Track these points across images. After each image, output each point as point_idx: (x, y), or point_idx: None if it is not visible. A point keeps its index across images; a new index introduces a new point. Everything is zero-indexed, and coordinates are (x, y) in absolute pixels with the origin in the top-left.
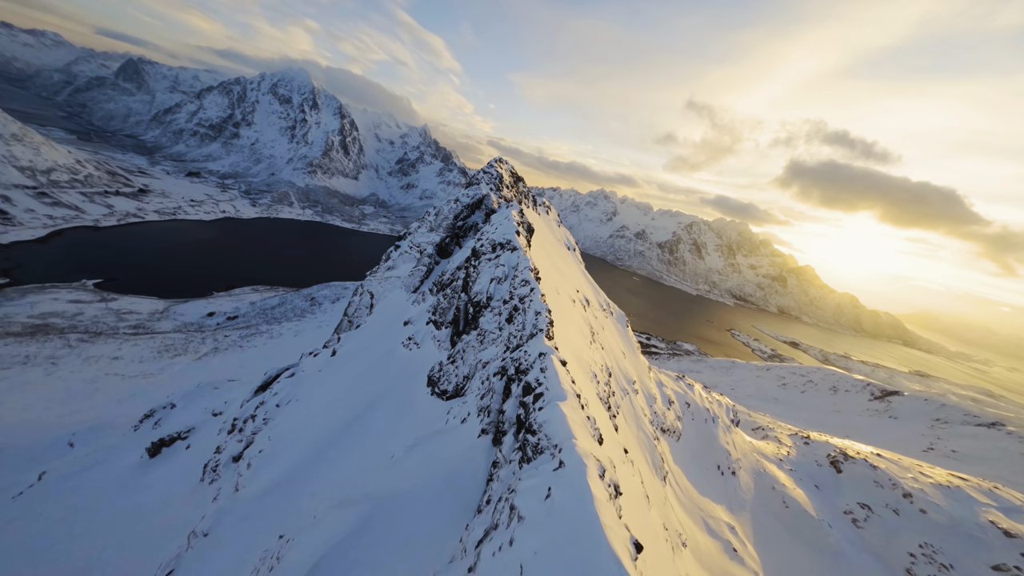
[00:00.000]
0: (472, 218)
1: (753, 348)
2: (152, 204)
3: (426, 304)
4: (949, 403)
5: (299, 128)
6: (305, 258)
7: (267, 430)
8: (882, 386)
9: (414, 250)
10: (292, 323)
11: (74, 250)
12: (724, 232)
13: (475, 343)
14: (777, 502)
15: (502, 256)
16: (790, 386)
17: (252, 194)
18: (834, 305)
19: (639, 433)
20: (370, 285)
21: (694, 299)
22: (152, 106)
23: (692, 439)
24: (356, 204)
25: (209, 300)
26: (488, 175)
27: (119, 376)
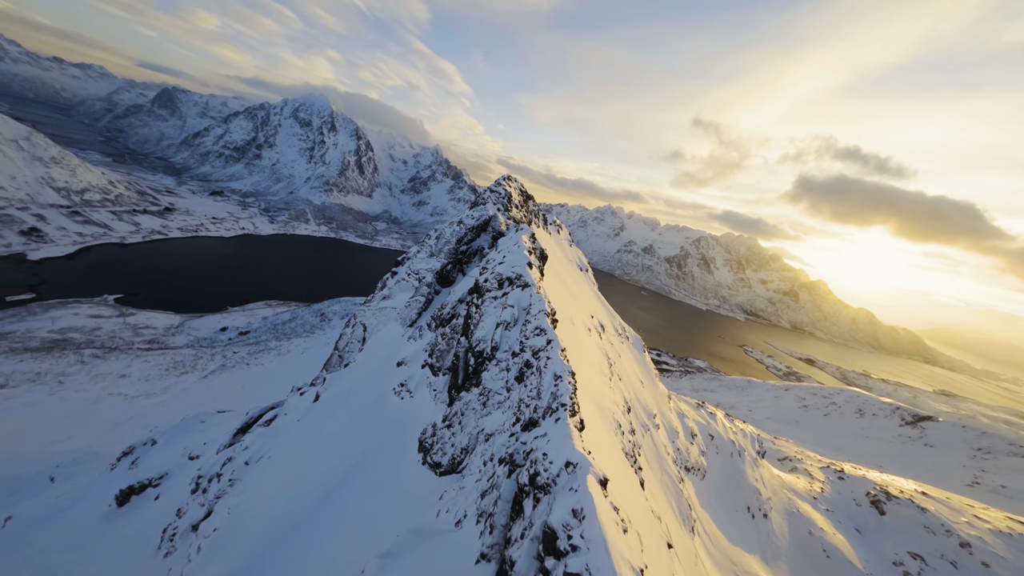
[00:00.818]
0: (477, 242)
1: (767, 365)
2: (176, 222)
3: (423, 342)
4: (991, 431)
5: (317, 149)
6: (318, 273)
7: (230, 496)
8: (913, 410)
9: (412, 278)
10: (301, 339)
11: (99, 266)
12: (733, 247)
13: (476, 405)
14: (816, 550)
15: (511, 295)
16: (812, 408)
17: (271, 211)
18: (849, 321)
19: (663, 476)
20: (363, 316)
21: (704, 314)
22: (183, 130)
23: (718, 476)
24: (369, 221)
25: (223, 315)
26: (495, 194)
27: (122, 396)
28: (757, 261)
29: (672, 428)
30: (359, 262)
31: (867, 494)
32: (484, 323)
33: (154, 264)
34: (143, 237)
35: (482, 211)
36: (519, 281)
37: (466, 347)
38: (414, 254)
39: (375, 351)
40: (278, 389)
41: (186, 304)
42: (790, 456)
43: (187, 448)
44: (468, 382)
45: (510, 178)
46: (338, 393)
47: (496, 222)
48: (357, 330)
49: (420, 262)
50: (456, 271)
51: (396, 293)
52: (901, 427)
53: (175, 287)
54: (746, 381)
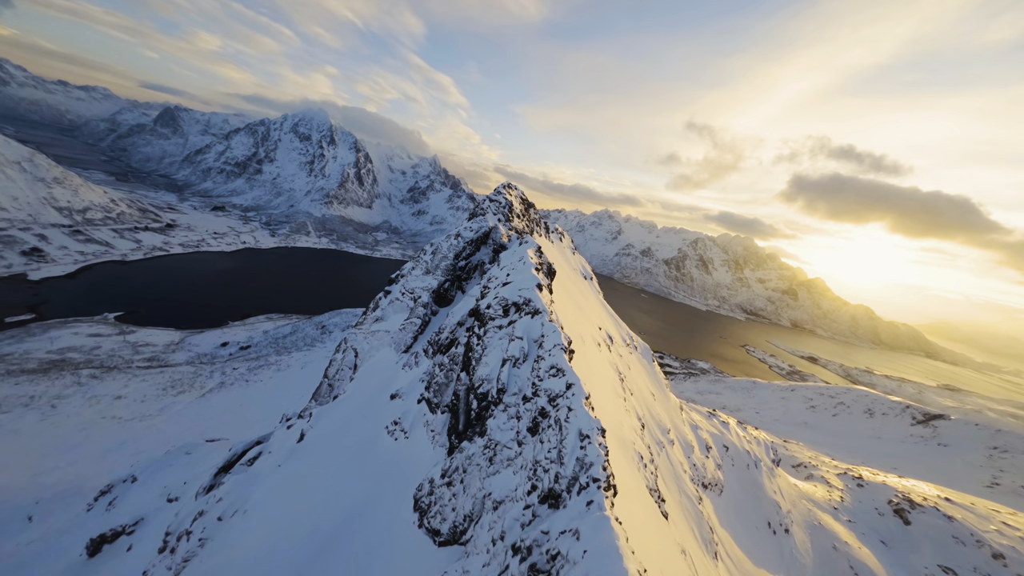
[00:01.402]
0: (477, 256)
1: (770, 365)
2: (178, 237)
3: (419, 370)
4: (1006, 428)
5: (317, 162)
6: (320, 285)
7: (198, 561)
8: (924, 409)
9: (406, 297)
10: (302, 353)
11: (100, 284)
12: (730, 247)
13: (481, 460)
14: (843, 567)
15: (519, 323)
16: (820, 409)
17: (272, 225)
18: (849, 317)
19: (681, 498)
20: (355, 340)
21: (704, 315)
22: (185, 148)
23: (736, 491)
24: (369, 231)
25: (224, 330)
26: (495, 203)
27: (116, 420)
28: (755, 261)
29: (687, 442)
30: (360, 272)
31: (889, 502)
32: (488, 358)
33: (156, 281)
34: (145, 254)
35: (481, 222)
36: (528, 307)
37: (467, 385)
38: (408, 271)
39: (367, 380)
40: (274, 409)
41: (187, 320)
42: (804, 462)
43: (167, 487)
44: (471, 429)
45: (510, 186)
46: (325, 431)
47: (497, 234)
48: (348, 356)
49: (415, 280)
50: (454, 289)
51: (390, 314)
52: (913, 426)
53: (176, 303)
54: (751, 382)
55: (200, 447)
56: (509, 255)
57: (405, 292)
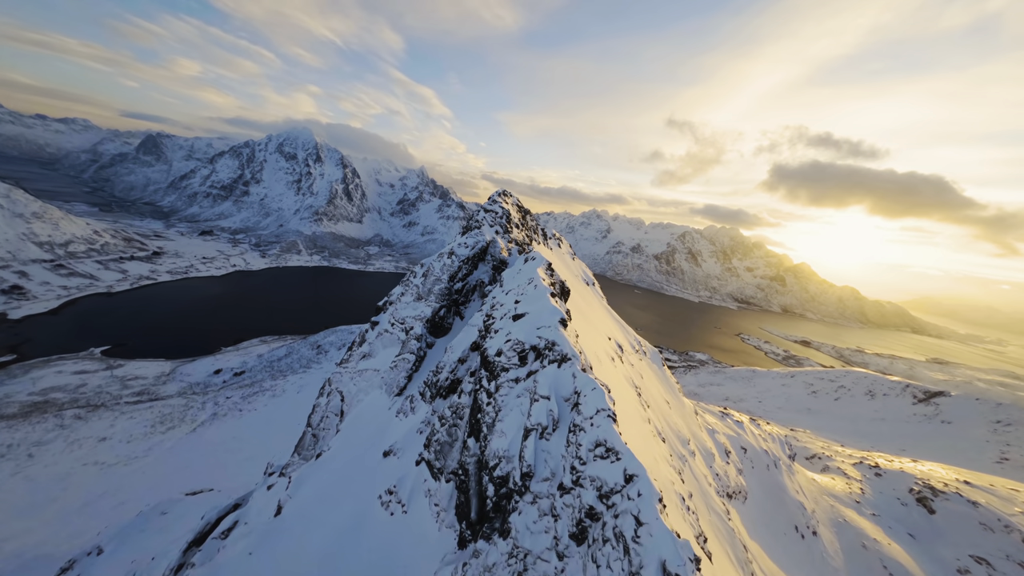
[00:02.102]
0: (475, 275)
1: (766, 351)
2: (165, 265)
3: (416, 418)
4: (1007, 402)
5: (304, 181)
6: (313, 303)
7: None
8: (924, 387)
9: (397, 328)
10: (297, 376)
11: (85, 318)
12: (717, 238)
13: (503, 569)
14: (875, 567)
15: (541, 375)
16: (821, 394)
17: (262, 246)
18: (836, 299)
19: (711, 516)
20: (340, 381)
21: (697, 306)
22: (169, 174)
23: (760, 496)
24: (361, 246)
25: (217, 356)
26: (491, 214)
27: (98, 466)
28: (742, 250)
29: (707, 450)
30: (354, 288)
31: (911, 491)
32: (503, 425)
33: (144, 310)
34: (131, 284)
35: (477, 236)
36: (552, 352)
37: (477, 457)
38: (397, 297)
39: (355, 431)
40: (268, 443)
41: (178, 349)
42: (817, 453)
43: (135, 563)
44: (486, 520)
45: (506, 193)
46: (307, 501)
47: (495, 248)
48: (333, 400)
49: (406, 307)
50: (451, 315)
51: (378, 349)
52: (914, 405)
53: (166, 332)
54: (751, 371)
55: (178, 505)
56: (513, 274)
57: (395, 322)
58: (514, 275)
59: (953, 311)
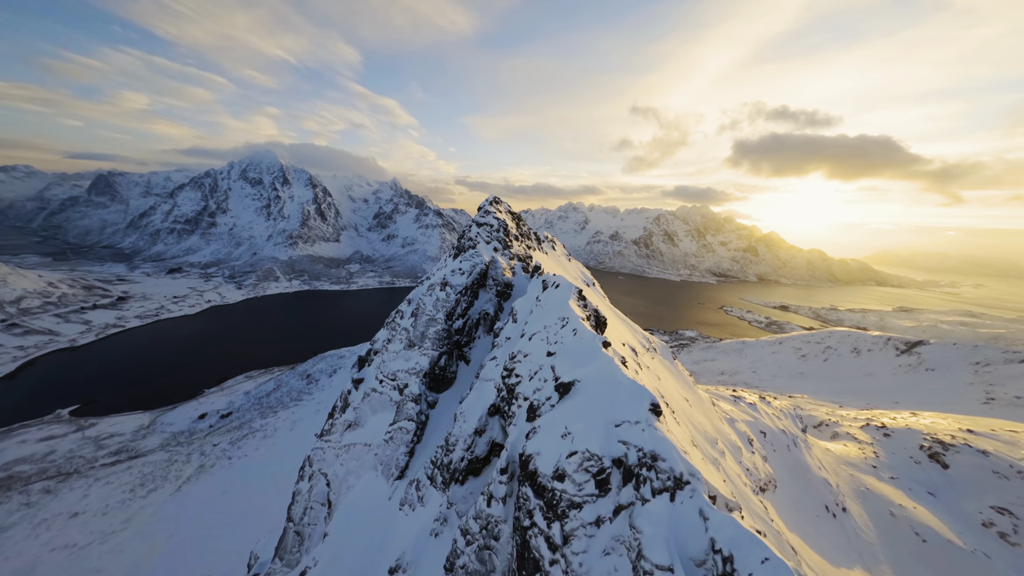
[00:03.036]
0: (478, 306)
1: (749, 321)
2: (133, 310)
3: (426, 512)
4: (981, 343)
5: (274, 205)
6: (298, 331)
7: None
8: (904, 338)
9: (387, 387)
10: (289, 411)
11: (48, 378)
12: (689, 218)
13: None
14: (908, 535)
15: (644, 519)
16: (810, 356)
17: (236, 277)
18: (805, 262)
19: (754, 521)
20: (323, 460)
21: (679, 285)
22: (127, 214)
23: (787, 482)
24: (341, 265)
25: (200, 400)
26: (486, 227)
27: (69, 550)
28: (714, 226)
29: (733, 445)
30: (338, 309)
31: (921, 447)
32: None
33: (114, 361)
34: (97, 335)
35: (474, 259)
36: (657, 472)
37: None
38: (383, 344)
39: (348, 534)
40: (261, 496)
41: (157, 397)
42: (823, 420)
43: None
44: None
45: (497, 201)
46: None
47: (497, 269)
48: (317, 486)
49: (395, 359)
50: (454, 362)
51: (366, 416)
52: (898, 357)
53: (142, 381)
54: (741, 343)
55: None
56: (529, 304)
57: (384, 379)
58: (532, 306)
59: (909, 261)
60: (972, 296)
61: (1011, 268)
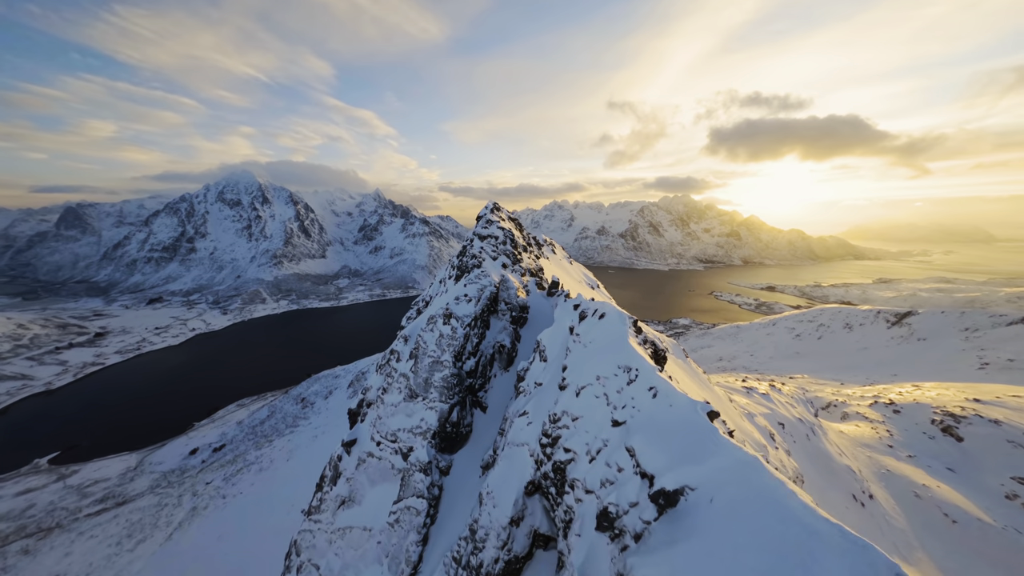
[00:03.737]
0: (490, 336)
1: (739, 304)
2: (112, 345)
3: None
4: (968, 310)
5: (255, 225)
6: (290, 352)
7: None
8: (893, 310)
9: (386, 450)
10: (284, 439)
11: (23, 427)
12: (672, 207)
13: None
14: (936, 517)
15: None
16: (804, 336)
17: (221, 302)
18: (786, 243)
19: None
20: (313, 548)
21: (668, 274)
22: (100, 245)
23: (811, 473)
24: (329, 281)
25: (190, 434)
26: (491, 240)
27: None
28: (696, 214)
29: (757, 443)
30: (330, 326)
31: (933, 422)
32: None
33: (95, 402)
34: (74, 376)
35: (481, 280)
36: None
37: None
38: (378, 395)
39: None
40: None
41: (144, 436)
42: (831, 401)
43: None
44: None
45: (497, 208)
46: None
47: (508, 290)
48: None
49: (394, 414)
50: (468, 411)
51: (363, 489)
52: (889, 329)
53: (126, 420)
54: (735, 327)
55: None
56: (565, 341)
57: (382, 441)
58: (565, 340)
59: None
60: (944, 263)
61: (976, 233)
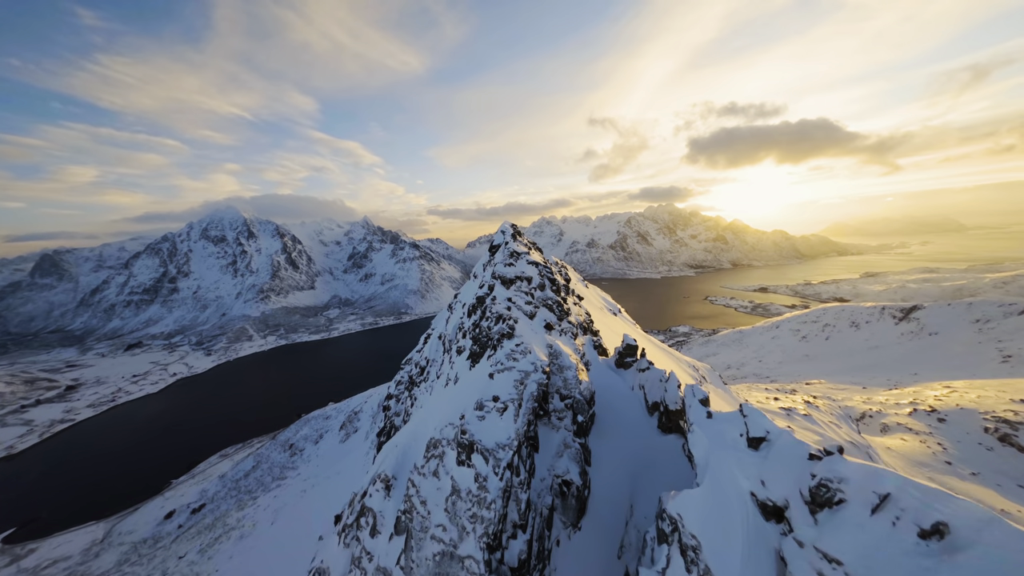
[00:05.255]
0: (543, 470)
1: (735, 307)
2: (84, 398)
3: None
4: (975, 301)
5: (240, 260)
6: (279, 391)
7: None
8: (898, 305)
9: None
10: (271, 494)
11: None
12: (658, 216)
13: None
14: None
15: None
16: (811, 337)
17: (205, 343)
18: (772, 243)
19: None
20: None
21: (661, 282)
22: (77, 292)
23: None
24: (319, 312)
25: (167, 495)
26: (521, 283)
27: None
28: (682, 221)
29: None
30: (321, 360)
31: (986, 431)
32: None
33: (60, 465)
34: (40, 436)
35: (520, 362)
36: None
37: None
38: None
39: None
40: None
41: (113, 500)
42: (866, 411)
43: None
44: None
45: (518, 233)
46: None
47: (565, 374)
48: None
49: None
50: None
51: None
52: (897, 325)
53: (94, 484)
54: (739, 333)
55: None
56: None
57: None
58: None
59: (860, 229)
60: (923, 253)
61: (947, 223)
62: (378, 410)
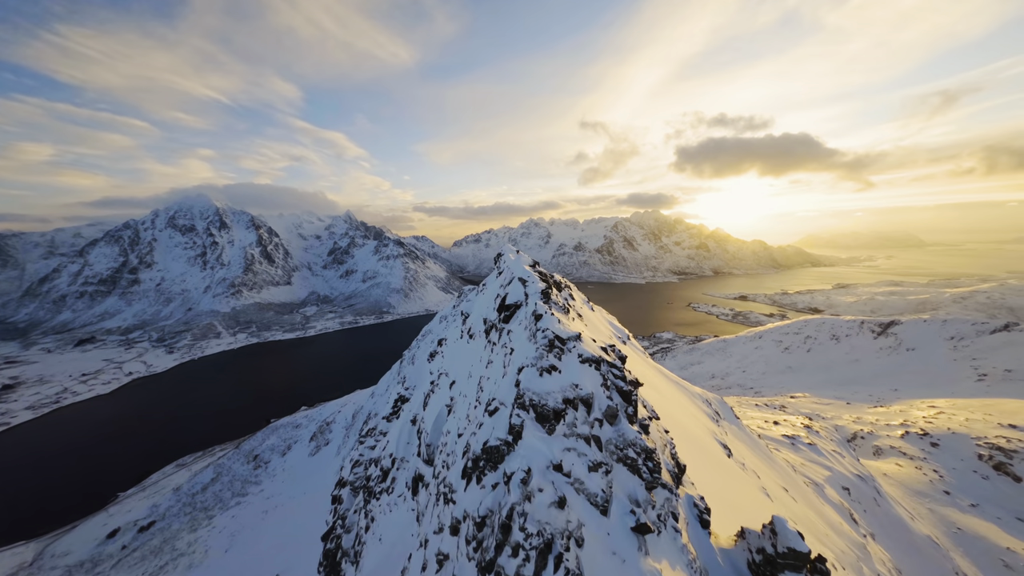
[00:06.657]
0: None
1: (716, 315)
2: (23, 399)
3: None
4: (949, 318)
5: (210, 252)
6: (246, 394)
7: None
8: (876, 320)
9: None
10: (228, 513)
11: None
12: (644, 222)
13: None
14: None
15: None
16: (792, 348)
17: (167, 339)
18: (751, 253)
19: None
20: None
21: (646, 287)
22: (23, 280)
23: (900, 556)
24: (295, 309)
25: (111, 509)
26: (576, 411)
27: None
28: (667, 228)
29: (841, 531)
30: (294, 361)
31: (980, 457)
32: None
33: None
34: None
35: None
36: None
37: None
38: None
39: None
40: None
41: (49, 516)
42: (857, 432)
43: None
44: None
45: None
46: None
47: None
48: None
49: None
50: None
51: None
52: (876, 339)
53: (26, 498)
54: (722, 342)
55: None
56: None
57: None
58: None
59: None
60: (888, 267)
61: (909, 239)
62: (352, 423)
